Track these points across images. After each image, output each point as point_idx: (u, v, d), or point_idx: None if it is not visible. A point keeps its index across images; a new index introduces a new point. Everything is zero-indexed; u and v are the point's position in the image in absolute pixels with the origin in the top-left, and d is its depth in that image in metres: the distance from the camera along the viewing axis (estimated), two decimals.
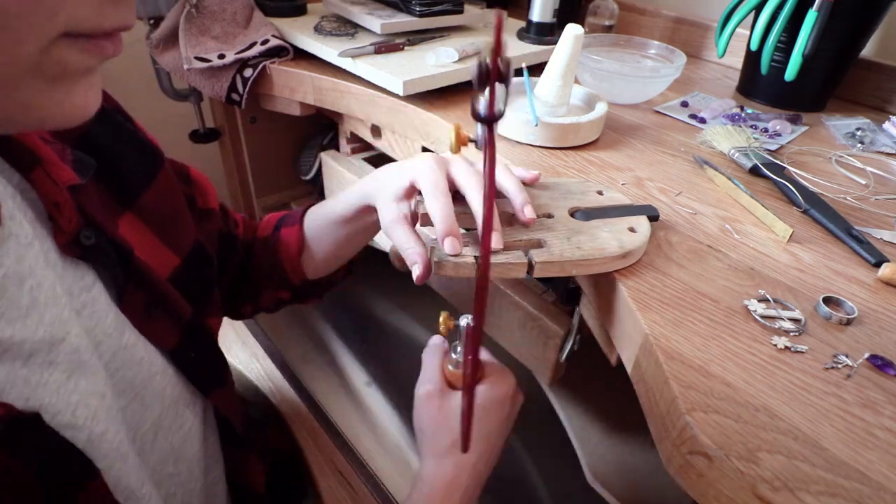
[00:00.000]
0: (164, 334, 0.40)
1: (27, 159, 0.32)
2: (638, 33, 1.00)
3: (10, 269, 0.28)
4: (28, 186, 0.32)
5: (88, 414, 0.32)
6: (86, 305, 0.34)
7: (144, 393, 0.38)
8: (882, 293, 0.44)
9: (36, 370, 0.29)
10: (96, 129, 0.38)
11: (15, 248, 0.29)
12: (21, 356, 0.28)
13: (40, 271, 0.30)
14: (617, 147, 0.65)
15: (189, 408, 0.44)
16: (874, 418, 0.33)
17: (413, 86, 0.68)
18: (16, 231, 0.29)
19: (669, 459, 0.34)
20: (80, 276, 0.34)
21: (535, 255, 0.41)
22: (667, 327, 0.39)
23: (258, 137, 1.06)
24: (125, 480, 0.34)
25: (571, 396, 0.71)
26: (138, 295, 0.38)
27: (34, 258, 0.30)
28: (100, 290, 0.35)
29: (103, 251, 0.35)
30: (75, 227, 0.33)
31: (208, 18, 0.81)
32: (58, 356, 0.30)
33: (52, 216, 0.32)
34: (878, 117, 0.78)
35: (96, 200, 0.37)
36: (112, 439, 0.33)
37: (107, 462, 0.33)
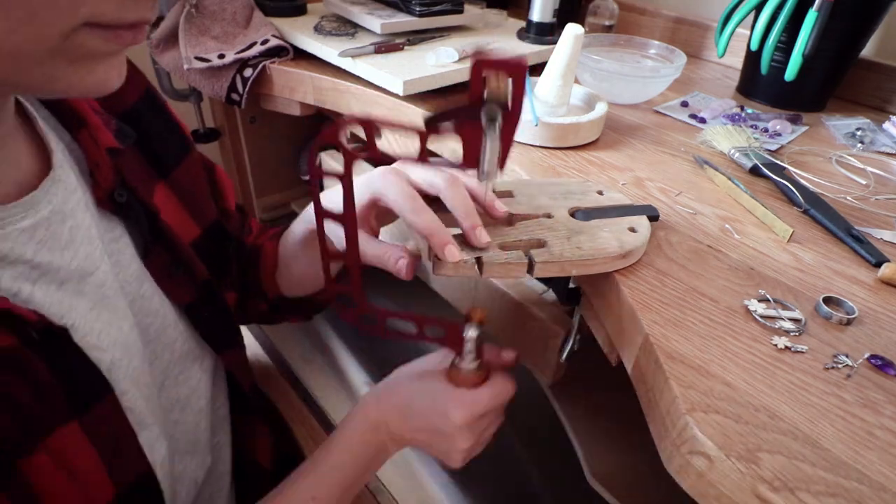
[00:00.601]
0: (180, 290, 0.44)
1: (74, 121, 0.37)
2: (638, 33, 1.00)
3: (57, 207, 0.33)
4: (75, 146, 0.38)
5: (110, 340, 0.36)
6: (113, 253, 0.39)
7: (156, 342, 0.42)
8: (882, 293, 0.44)
9: (68, 295, 0.34)
10: (140, 107, 0.44)
11: (62, 191, 0.34)
12: (56, 281, 0.33)
13: (80, 214, 0.35)
14: (617, 147, 0.65)
15: (198, 363, 0.47)
16: (874, 418, 0.33)
17: (413, 86, 0.68)
18: (64, 177, 0.35)
19: (669, 459, 0.34)
20: (111, 227, 0.39)
21: (535, 255, 0.41)
22: (667, 327, 0.39)
23: (258, 137, 1.06)
24: (139, 407, 0.38)
25: (571, 396, 0.71)
26: (161, 253, 0.42)
27: (76, 202, 0.35)
28: (126, 242, 0.40)
29: (133, 209, 0.40)
30: (110, 185, 0.38)
31: (208, 18, 0.81)
32: (86, 287, 0.35)
33: (92, 172, 0.37)
34: (878, 117, 0.78)
35: (135, 167, 0.42)
36: (129, 366, 0.38)
37: (124, 385, 0.37)
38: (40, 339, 0.31)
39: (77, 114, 0.37)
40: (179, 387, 0.45)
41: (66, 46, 0.25)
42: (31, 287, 0.32)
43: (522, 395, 0.77)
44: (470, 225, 0.41)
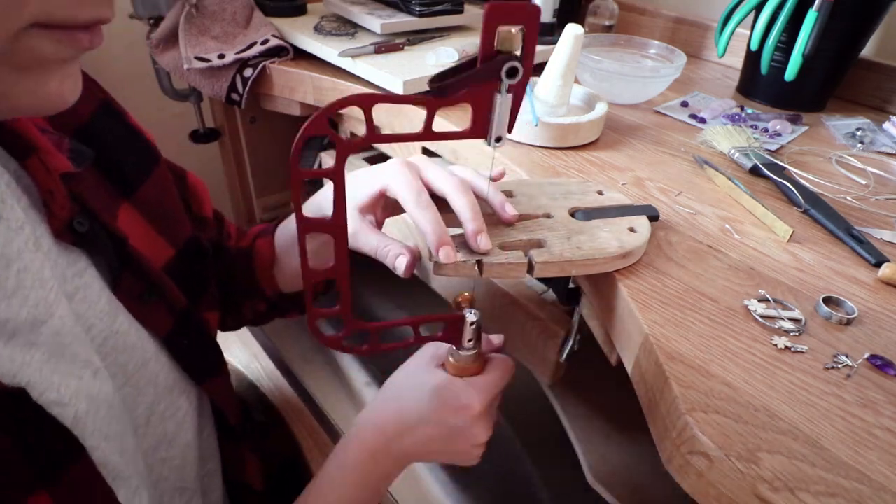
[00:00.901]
0: (158, 320, 0.41)
1: (23, 147, 0.33)
2: (638, 33, 1.00)
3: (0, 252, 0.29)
4: (24, 173, 0.33)
5: (71, 393, 0.32)
6: (78, 290, 0.34)
7: (138, 378, 0.39)
8: (882, 293, 0.44)
9: (18, 350, 0.30)
10: (97, 122, 0.40)
11: (4, 231, 0.30)
12: (4, 335, 0.29)
13: (28, 255, 0.31)
14: (617, 147, 0.65)
15: (184, 395, 0.44)
16: (874, 418, 0.33)
17: (413, 86, 0.68)
18: (6, 215, 0.30)
19: (669, 459, 0.34)
20: (73, 261, 0.35)
21: (535, 255, 0.41)
22: (667, 327, 0.39)
23: (258, 137, 1.06)
24: (111, 461, 0.34)
25: (571, 396, 0.71)
26: (133, 282, 0.38)
27: (23, 242, 0.31)
28: (93, 275, 0.36)
29: (96, 238, 0.36)
30: (68, 214, 0.34)
31: (208, 18, 0.81)
32: (39, 338, 0.31)
33: (45, 202, 0.33)
34: (878, 117, 0.78)
35: (94, 189, 0.38)
36: (95, 418, 0.34)
37: (94, 440, 0.33)
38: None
39: (23, 139, 0.33)
40: (166, 422, 0.42)
41: (13, 52, 0.22)
42: None
43: (522, 395, 0.77)
44: (473, 229, 0.40)
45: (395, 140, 0.34)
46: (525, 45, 0.31)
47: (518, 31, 0.30)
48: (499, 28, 0.30)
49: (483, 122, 0.33)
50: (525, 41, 0.31)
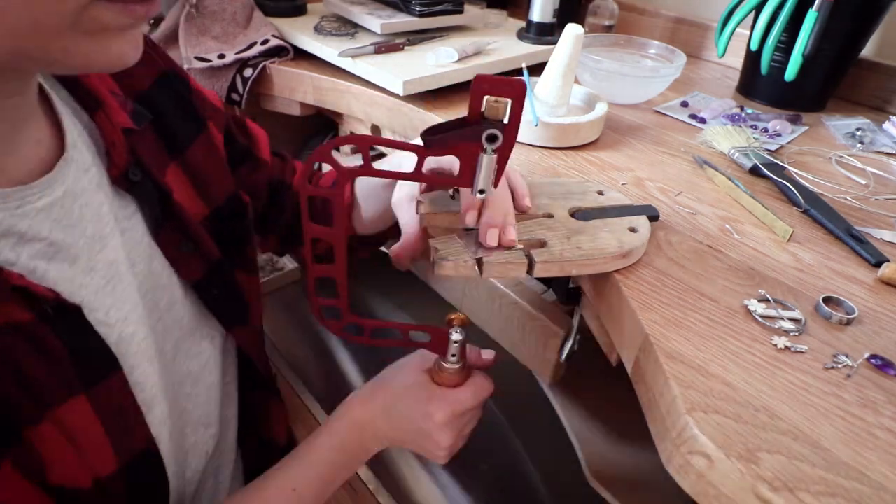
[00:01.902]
0: (189, 267, 0.46)
1: (92, 102, 0.39)
2: (638, 33, 1.00)
3: (70, 187, 0.35)
4: (93, 126, 0.39)
5: (120, 316, 0.38)
6: (126, 230, 0.40)
7: (166, 317, 0.44)
8: (882, 293, 0.44)
9: (79, 272, 0.35)
10: (156, 89, 0.45)
11: (74, 171, 0.36)
12: (69, 258, 0.35)
13: (91, 193, 0.37)
14: (617, 147, 0.65)
15: (207, 339, 0.49)
16: (874, 418, 0.33)
17: (413, 86, 0.68)
18: (77, 157, 0.36)
19: (669, 459, 0.34)
20: (125, 205, 0.40)
21: (535, 255, 0.41)
22: (667, 327, 0.39)
23: None
24: (149, 381, 0.40)
25: (571, 396, 0.71)
26: (172, 231, 0.44)
27: (88, 181, 0.37)
28: (138, 220, 0.41)
29: (146, 188, 0.41)
30: (125, 164, 0.39)
31: (208, 18, 0.81)
32: (97, 264, 0.36)
33: (108, 152, 0.39)
34: (878, 117, 0.78)
35: (149, 147, 0.43)
36: (139, 342, 0.39)
37: (134, 361, 0.38)
38: (54, 316, 0.33)
39: (94, 95, 0.39)
40: (191, 361, 0.47)
41: (81, 20, 0.26)
42: (46, 265, 0.33)
43: (522, 395, 0.77)
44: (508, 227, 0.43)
45: (389, 176, 0.39)
46: (511, 117, 0.33)
47: (504, 102, 0.32)
48: (486, 97, 0.32)
49: (469, 174, 0.36)
50: (511, 113, 0.33)
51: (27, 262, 0.32)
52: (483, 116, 0.33)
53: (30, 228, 0.32)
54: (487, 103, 0.33)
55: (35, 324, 0.32)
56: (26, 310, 0.31)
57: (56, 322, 0.33)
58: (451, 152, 0.35)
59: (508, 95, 0.32)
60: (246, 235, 0.54)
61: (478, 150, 0.34)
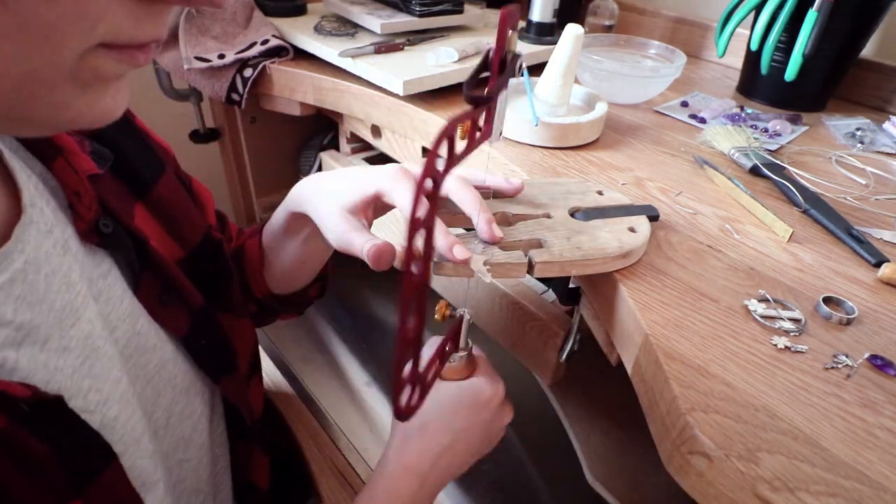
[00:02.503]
0: (176, 321, 0.41)
1: (49, 149, 0.33)
2: (638, 33, 1.00)
3: (30, 256, 0.30)
4: (49, 176, 0.34)
5: (100, 398, 0.33)
6: (102, 291, 0.35)
7: (157, 379, 0.40)
8: (882, 293, 0.44)
9: (52, 355, 0.30)
10: (110, 127, 0.40)
11: (35, 235, 0.30)
12: (39, 341, 0.30)
13: (56, 259, 0.31)
14: (617, 147, 0.65)
15: (199, 395, 0.45)
16: (874, 418, 0.33)
17: (413, 86, 0.68)
18: (36, 218, 0.31)
19: (669, 459, 0.34)
20: (97, 262, 0.35)
21: (535, 255, 0.41)
22: (667, 327, 0.39)
23: (258, 137, 1.06)
24: (140, 464, 0.35)
25: (571, 396, 0.71)
26: (153, 282, 0.39)
27: (52, 245, 0.31)
28: (116, 276, 0.37)
29: (120, 239, 0.36)
30: (94, 216, 0.34)
31: (208, 18, 0.81)
32: (70, 342, 0.31)
33: (72, 204, 0.34)
34: (878, 117, 0.78)
35: (113, 191, 0.38)
36: (125, 423, 0.34)
37: (121, 446, 0.34)
38: (32, 414, 0.28)
39: (49, 140, 0.34)
40: (183, 423, 0.43)
41: (79, 69, 0.24)
42: (15, 354, 0.28)
43: (522, 395, 0.77)
44: (487, 218, 0.41)
45: None
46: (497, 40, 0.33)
47: (514, 33, 0.32)
48: (510, 31, 0.32)
49: (490, 123, 0.35)
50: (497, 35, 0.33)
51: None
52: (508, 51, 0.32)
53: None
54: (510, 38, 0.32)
55: (11, 429, 0.27)
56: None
57: (35, 421, 0.28)
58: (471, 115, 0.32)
59: (516, 23, 0.32)
60: (226, 275, 0.50)
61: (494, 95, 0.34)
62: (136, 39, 0.24)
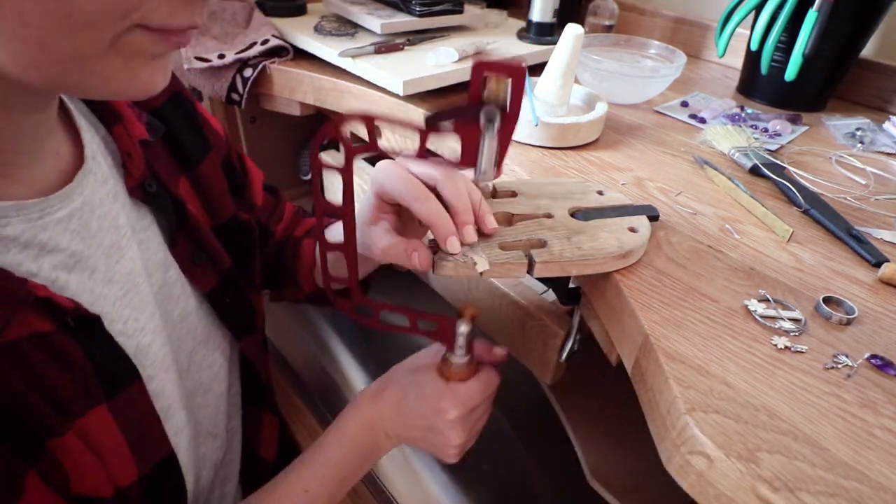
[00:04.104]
0: (203, 277, 0.46)
1: (111, 115, 0.40)
2: (638, 33, 1.00)
3: (87, 198, 0.36)
4: (110, 139, 0.40)
5: (137, 326, 0.38)
6: (143, 241, 0.41)
7: (180, 327, 0.44)
8: (882, 293, 0.44)
9: (98, 283, 0.36)
10: (167, 108, 0.46)
11: (92, 182, 0.36)
12: (88, 269, 0.35)
13: (108, 204, 0.37)
14: (617, 147, 0.65)
15: (218, 350, 0.50)
16: (874, 418, 0.33)
17: (413, 86, 0.68)
18: (95, 169, 0.37)
19: (669, 459, 0.34)
20: (141, 216, 0.41)
21: (535, 255, 0.41)
22: (667, 327, 0.39)
23: (258, 137, 1.06)
24: (167, 390, 0.40)
25: (571, 396, 0.71)
26: (187, 242, 0.44)
27: (105, 193, 0.37)
28: (154, 231, 0.42)
29: (162, 199, 0.42)
30: (141, 176, 0.40)
31: (208, 18, 0.81)
32: (115, 275, 0.37)
33: (124, 163, 0.40)
34: (878, 117, 0.78)
35: (163, 160, 0.44)
36: (157, 352, 0.40)
37: (152, 370, 0.39)
38: (75, 326, 0.33)
39: (113, 109, 0.40)
40: (203, 371, 0.48)
41: (119, 45, 0.27)
42: (66, 276, 0.34)
43: (522, 395, 0.77)
44: (462, 221, 0.41)
45: (394, 156, 0.39)
46: (511, 100, 0.33)
47: (504, 84, 0.32)
48: (488, 80, 0.32)
49: (470, 156, 0.36)
50: (512, 94, 0.33)
51: (48, 272, 0.33)
52: (483, 99, 0.33)
53: (50, 239, 0.33)
54: (487, 86, 0.32)
55: (57, 334, 0.32)
56: (48, 320, 0.31)
57: (77, 332, 0.33)
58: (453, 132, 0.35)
59: (508, 76, 0.32)
60: (251, 252, 0.54)
61: (478, 133, 0.34)
62: (170, 26, 0.27)
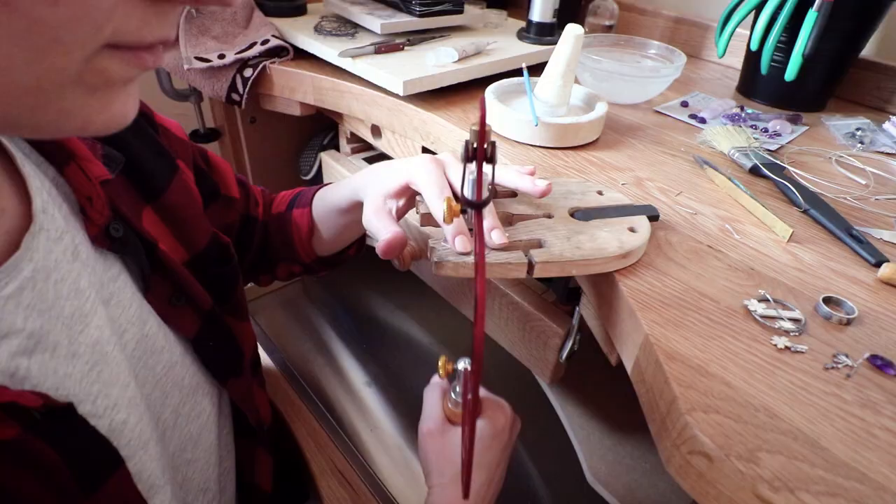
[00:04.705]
0: (185, 323, 0.42)
1: (61, 154, 0.34)
2: (638, 33, 1.00)
3: (39, 264, 0.30)
4: (62, 181, 0.34)
5: (109, 403, 0.33)
6: (113, 295, 0.36)
7: (165, 381, 0.40)
8: (882, 293, 0.44)
9: (62, 361, 0.31)
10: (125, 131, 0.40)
11: (44, 242, 0.30)
12: (49, 348, 0.30)
13: (65, 265, 0.32)
14: (617, 147, 0.65)
15: (207, 397, 0.46)
16: (874, 418, 0.33)
17: (413, 86, 0.68)
18: (47, 225, 0.31)
19: (669, 459, 0.34)
20: (108, 266, 0.36)
21: (535, 255, 0.41)
22: (667, 327, 0.39)
23: (258, 137, 1.06)
24: (148, 468, 0.36)
25: (571, 396, 0.71)
26: (163, 285, 0.40)
27: (61, 252, 0.32)
28: (125, 280, 0.37)
29: (130, 243, 0.37)
30: (105, 221, 0.35)
31: (208, 18, 0.81)
32: (79, 347, 0.32)
33: (83, 209, 0.34)
34: (878, 117, 0.78)
35: (123, 194, 0.39)
36: (133, 428, 0.35)
37: (129, 450, 0.34)
38: (42, 421, 0.28)
39: (62, 145, 0.34)
40: (191, 424, 0.44)
41: (86, 73, 0.23)
42: (27, 361, 0.29)
43: (522, 395, 0.77)
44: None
45: None
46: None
47: None
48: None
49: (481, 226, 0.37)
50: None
51: (7, 362, 0.28)
52: None
53: (1, 322, 0.28)
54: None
55: (23, 438, 0.27)
56: (11, 424, 0.27)
57: (45, 429, 0.28)
58: None
59: None
60: (233, 279, 0.50)
61: None
62: (143, 40, 0.24)
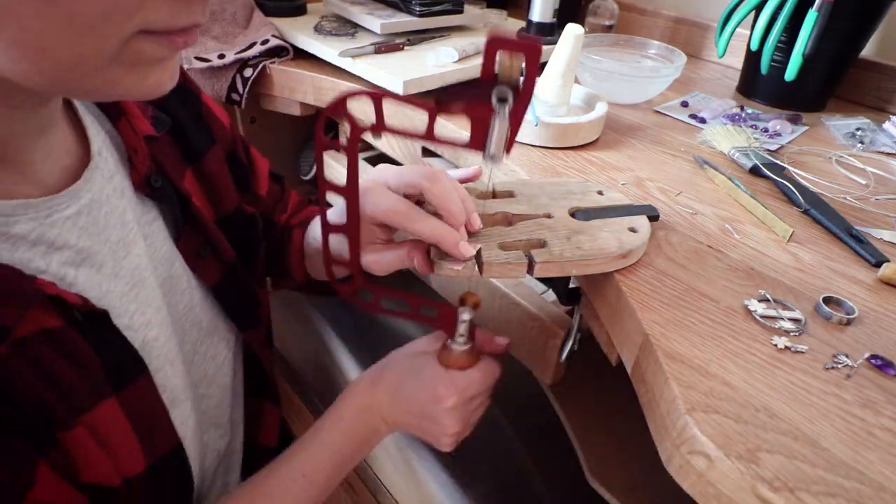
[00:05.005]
0: (208, 271, 0.47)
1: (115, 111, 0.40)
2: (638, 33, 1.00)
3: (95, 195, 0.36)
4: (115, 133, 0.41)
5: (144, 321, 0.39)
6: (148, 235, 0.41)
7: (185, 320, 0.45)
8: (882, 293, 0.44)
9: (105, 278, 0.37)
10: (173, 100, 0.46)
11: (99, 178, 0.37)
12: (96, 265, 0.36)
13: (115, 200, 0.38)
14: (617, 147, 0.65)
15: (223, 342, 0.51)
16: (874, 418, 0.33)
17: (413, 86, 0.68)
18: (102, 165, 0.38)
19: (669, 459, 0.34)
20: (146, 210, 0.42)
21: (535, 255, 0.41)
22: (667, 327, 0.39)
23: (258, 137, 1.06)
24: (172, 382, 0.41)
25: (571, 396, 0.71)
26: (192, 236, 0.45)
27: (112, 189, 0.38)
28: (160, 226, 0.43)
29: (167, 193, 0.43)
30: (147, 171, 0.41)
31: (208, 18, 0.81)
32: (121, 269, 0.38)
33: (130, 159, 0.40)
34: (878, 117, 0.78)
35: (168, 153, 0.45)
36: (163, 345, 0.40)
37: (157, 363, 0.39)
38: (83, 321, 0.33)
39: (118, 104, 0.40)
40: (207, 363, 0.48)
41: (123, 53, 0.27)
42: (74, 272, 0.34)
43: (522, 395, 0.77)
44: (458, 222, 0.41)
45: (400, 134, 0.38)
46: (525, 79, 0.32)
47: (518, 62, 0.31)
48: (502, 57, 0.31)
49: (480, 138, 0.35)
50: (526, 73, 0.32)
51: (57, 269, 0.33)
52: (496, 78, 0.32)
53: (59, 237, 0.33)
54: (501, 63, 0.31)
55: (65, 330, 0.32)
56: (56, 316, 0.32)
57: (85, 328, 0.34)
58: (462, 112, 0.34)
59: (523, 51, 0.30)
60: (255, 246, 0.55)
61: (489, 112, 0.33)
62: (174, 26, 0.27)
